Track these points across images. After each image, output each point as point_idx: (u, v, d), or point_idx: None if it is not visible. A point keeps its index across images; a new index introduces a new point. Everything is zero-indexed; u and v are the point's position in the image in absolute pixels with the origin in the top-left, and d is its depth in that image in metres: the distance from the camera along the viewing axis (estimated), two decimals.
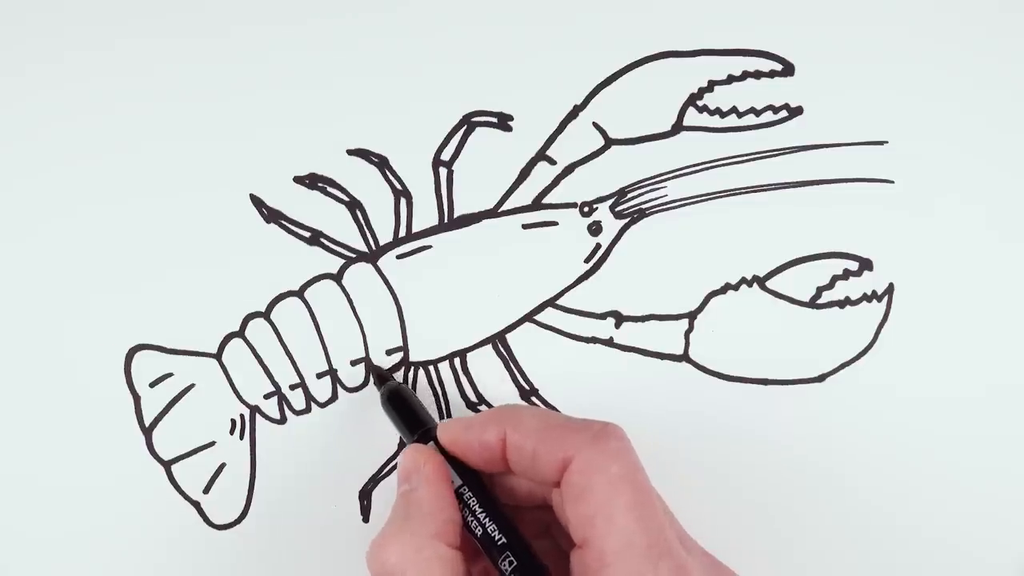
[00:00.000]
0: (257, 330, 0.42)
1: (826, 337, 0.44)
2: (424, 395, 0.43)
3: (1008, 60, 0.44)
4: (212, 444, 0.43)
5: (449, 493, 0.37)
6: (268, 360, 0.43)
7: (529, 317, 0.43)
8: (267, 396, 0.43)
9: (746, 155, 0.43)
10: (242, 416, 0.43)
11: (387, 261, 0.43)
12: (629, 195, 0.43)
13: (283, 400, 0.43)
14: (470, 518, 0.37)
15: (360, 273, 0.43)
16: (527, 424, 0.36)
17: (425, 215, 0.43)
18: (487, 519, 0.36)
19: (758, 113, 0.43)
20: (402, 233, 0.43)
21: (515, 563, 0.35)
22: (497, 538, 0.36)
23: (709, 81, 0.43)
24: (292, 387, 0.43)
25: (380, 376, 0.42)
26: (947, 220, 0.44)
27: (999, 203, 0.44)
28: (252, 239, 0.42)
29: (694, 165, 0.43)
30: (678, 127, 0.43)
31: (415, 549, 0.35)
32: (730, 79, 0.43)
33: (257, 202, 0.42)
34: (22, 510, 0.42)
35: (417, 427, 0.40)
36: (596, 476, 0.34)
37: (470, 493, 0.37)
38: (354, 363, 0.43)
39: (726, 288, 0.43)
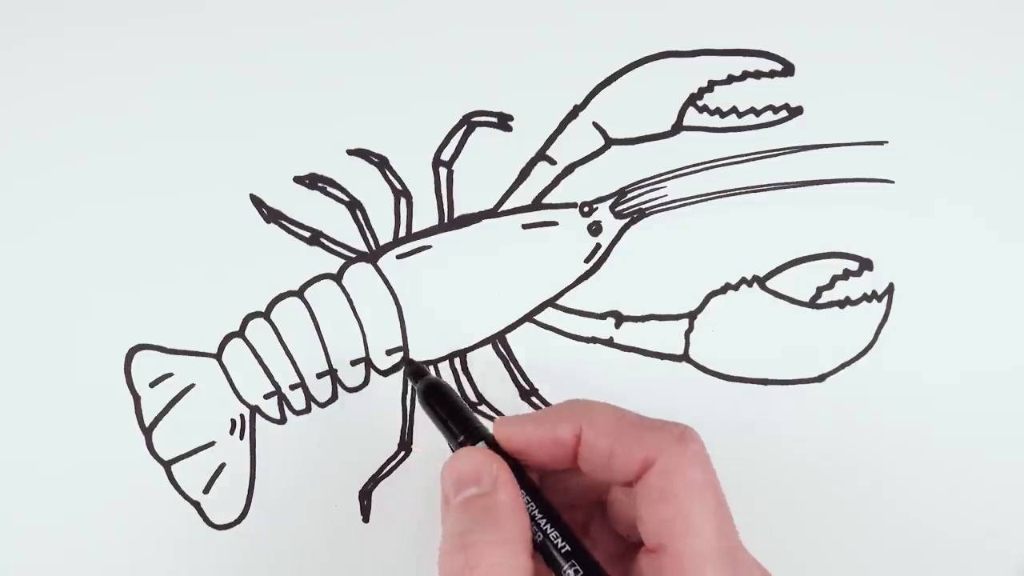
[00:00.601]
0: (257, 330, 0.42)
1: (826, 337, 0.44)
2: None
3: (1008, 60, 0.44)
4: (212, 444, 0.43)
5: (523, 505, 0.35)
6: (268, 360, 0.43)
7: (529, 317, 0.43)
8: (267, 396, 0.43)
9: (746, 155, 0.43)
10: (242, 416, 0.43)
11: (387, 261, 0.43)
12: (629, 195, 0.43)
13: (283, 400, 0.43)
14: (538, 536, 0.35)
15: (360, 273, 0.43)
16: (604, 420, 0.35)
17: (425, 215, 0.43)
18: (547, 524, 0.35)
19: (758, 113, 0.43)
20: (402, 233, 0.43)
21: (581, 572, 0.34)
22: (560, 545, 0.34)
23: (709, 81, 0.43)
24: (292, 387, 0.43)
25: (417, 371, 0.41)
26: (947, 220, 0.44)
27: (999, 203, 0.44)
28: (252, 239, 0.42)
29: (694, 165, 0.43)
30: (678, 127, 0.43)
31: (511, 554, 0.33)
32: (730, 79, 0.43)
33: (257, 202, 0.42)
34: (22, 510, 0.42)
35: (462, 424, 0.37)
36: (679, 479, 0.33)
37: (528, 497, 0.35)
38: (354, 363, 0.43)
39: (726, 288, 0.43)
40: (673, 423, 0.35)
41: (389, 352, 0.43)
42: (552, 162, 0.43)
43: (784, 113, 0.43)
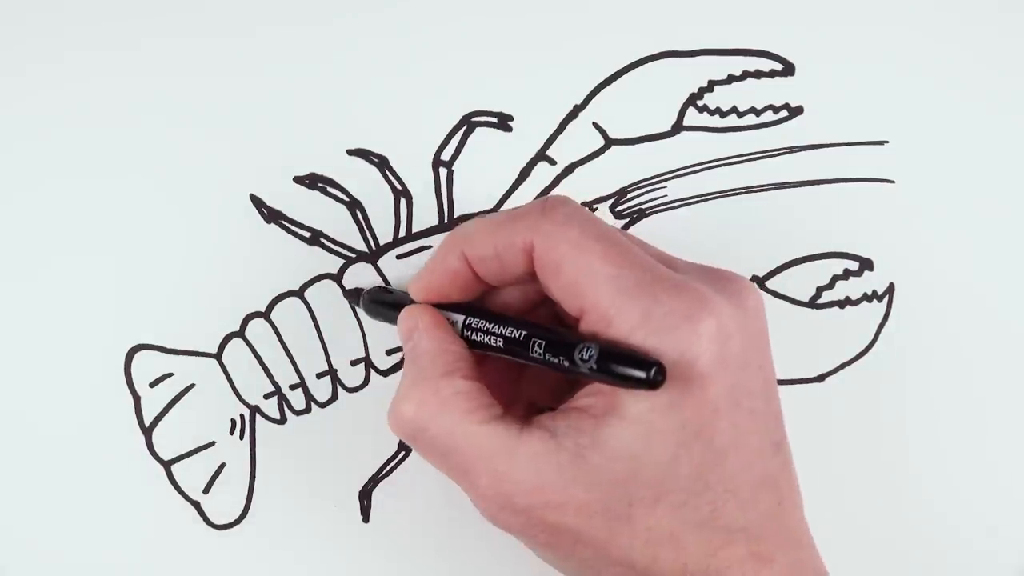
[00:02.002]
0: (257, 330, 0.42)
1: (826, 337, 0.44)
2: None
3: (1008, 60, 0.44)
4: (212, 444, 0.43)
5: (450, 334, 0.36)
6: (268, 360, 0.43)
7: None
8: (267, 396, 0.43)
9: (746, 155, 0.43)
10: (242, 416, 0.43)
11: (387, 261, 0.43)
12: (629, 195, 0.43)
13: (283, 400, 0.43)
14: (485, 339, 0.36)
15: (360, 273, 0.43)
16: (478, 232, 0.35)
17: (425, 215, 0.43)
18: (499, 328, 0.35)
19: (758, 113, 0.43)
20: (402, 233, 0.43)
21: (543, 343, 0.34)
22: (518, 335, 0.35)
23: (709, 81, 0.43)
24: (292, 387, 0.43)
25: (353, 292, 0.42)
26: (947, 220, 0.44)
27: (999, 203, 0.44)
28: (252, 239, 0.42)
29: (694, 165, 0.43)
30: (678, 127, 0.43)
31: (431, 392, 0.34)
32: (730, 79, 0.43)
33: (257, 202, 0.42)
34: (22, 510, 0.42)
35: (398, 303, 0.39)
36: (561, 246, 0.33)
37: (472, 320, 0.36)
38: (354, 363, 0.43)
39: None
40: (537, 199, 0.35)
41: (389, 352, 0.43)
42: (552, 162, 0.43)
43: (784, 113, 0.43)
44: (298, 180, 0.42)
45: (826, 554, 0.36)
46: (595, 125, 0.43)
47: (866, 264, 0.44)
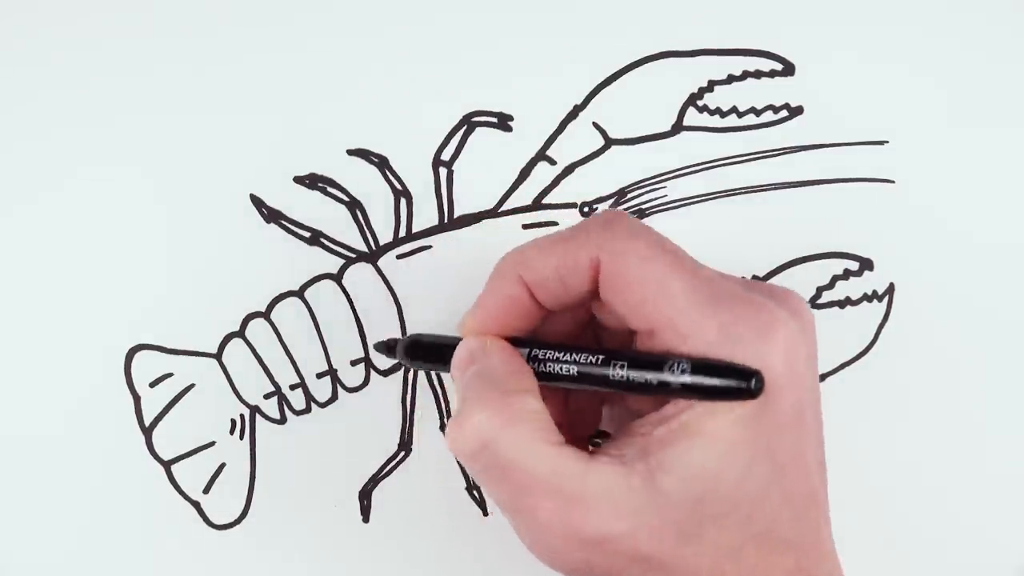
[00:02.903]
0: (257, 330, 0.42)
1: (826, 337, 0.44)
2: (424, 394, 0.43)
3: (1008, 60, 0.44)
4: (212, 444, 0.43)
5: (521, 357, 0.34)
6: (268, 360, 0.43)
7: None
8: (267, 396, 0.43)
9: (746, 155, 0.43)
10: (242, 416, 0.43)
11: (387, 261, 0.43)
12: (629, 195, 0.43)
13: (283, 400, 0.43)
14: (555, 368, 0.34)
15: (360, 273, 0.43)
16: (537, 254, 0.34)
17: (425, 215, 0.43)
18: (572, 355, 0.34)
19: (758, 113, 0.43)
20: (402, 233, 0.43)
21: (625, 363, 0.33)
22: (595, 359, 0.33)
23: (709, 81, 0.43)
24: (292, 387, 0.43)
25: (387, 346, 0.41)
26: (947, 220, 0.44)
27: (999, 203, 0.44)
28: (252, 239, 0.42)
29: (694, 165, 0.43)
30: (678, 127, 0.43)
31: (503, 406, 0.32)
32: (730, 79, 0.43)
33: (257, 202, 0.42)
34: (22, 510, 0.42)
35: (446, 347, 0.37)
36: (630, 261, 0.32)
37: (539, 351, 0.35)
38: (354, 363, 0.43)
39: None
40: (595, 215, 0.34)
41: None
42: (552, 162, 0.43)
43: (784, 113, 0.43)
44: (298, 180, 0.42)
45: None
46: (595, 125, 0.43)
47: (866, 264, 0.44)
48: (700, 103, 0.43)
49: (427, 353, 0.38)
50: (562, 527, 0.32)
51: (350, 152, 0.43)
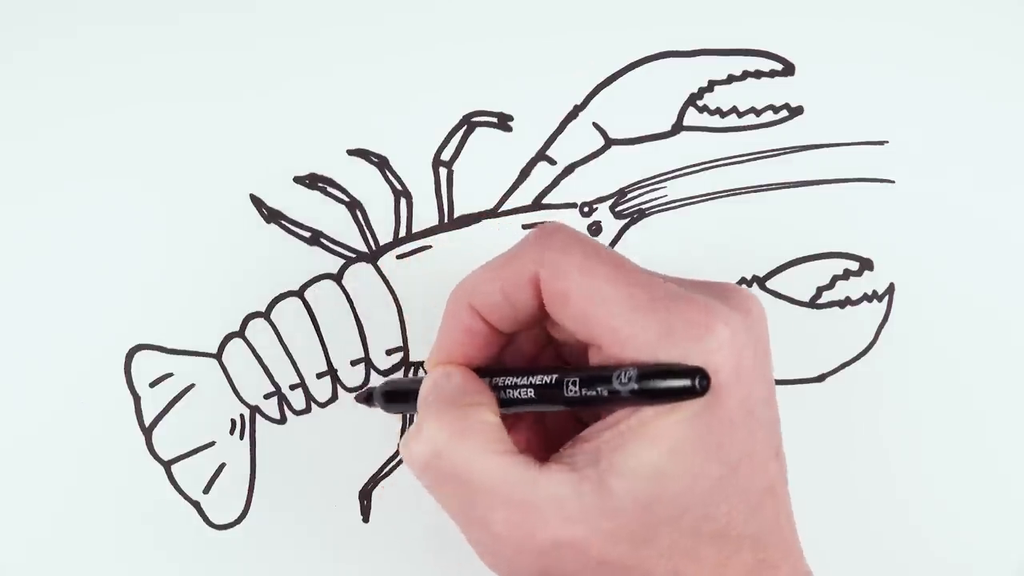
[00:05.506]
0: (257, 330, 0.42)
1: (826, 337, 0.44)
2: None
3: (1009, 60, 0.44)
4: (212, 444, 0.43)
5: (479, 380, 0.34)
6: (268, 360, 0.43)
7: None
8: (267, 396, 0.43)
9: (746, 155, 0.43)
10: (242, 416, 0.43)
11: (387, 261, 0.43)
12: (629, 195, 0.43)
13: (283, 400, 0.43)
14: (514, 393, 0.34)
15: (360, 273, 0.43)
16: (480, 280, 0.34)
17: (425, 215, 0.43)
18: (529, 379, 0.34)
19: (758, 113, 0.43)
20: (402, 233, 0.43)
21: (578, 380, 0.32)
22: (549, 379, 0.33)
23: (709, 81, 0.43)
24: (292, 387, 0.43)
25: (367, 396, 0.40)
26: (947, 220, 0.44)
27: (999, 203, 0.44)
28: (252, 239, 0.42)
29: (694, 165, 0.43)
30: (678, 127, 0.43)
31: (456, 418, 0.32)
32: (730, 79, 0.43)
33: (257, 202, 0.42)
34: (22, 510, 0.42)
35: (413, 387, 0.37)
36: (568, 273, 0.32)
37: (498, 379, 0.34)
38: (354, 363, 0.43)
39: None
40: (529, 233, 0.34)
41: (389, 352, 0.43)
42: (552, 162, 0.43)
43: (784, 113, 0.43)
44: (298, 180, 0.43)
45: (826, 554, 0.36)
46: (595, 125, 0.43)
47: (866, 264, 0.44)
48: (700, 103, 0.43)
49: (405, 396, 0.38)
50: (515, 536, 0.32)
51: (350, 152, 0.43)
